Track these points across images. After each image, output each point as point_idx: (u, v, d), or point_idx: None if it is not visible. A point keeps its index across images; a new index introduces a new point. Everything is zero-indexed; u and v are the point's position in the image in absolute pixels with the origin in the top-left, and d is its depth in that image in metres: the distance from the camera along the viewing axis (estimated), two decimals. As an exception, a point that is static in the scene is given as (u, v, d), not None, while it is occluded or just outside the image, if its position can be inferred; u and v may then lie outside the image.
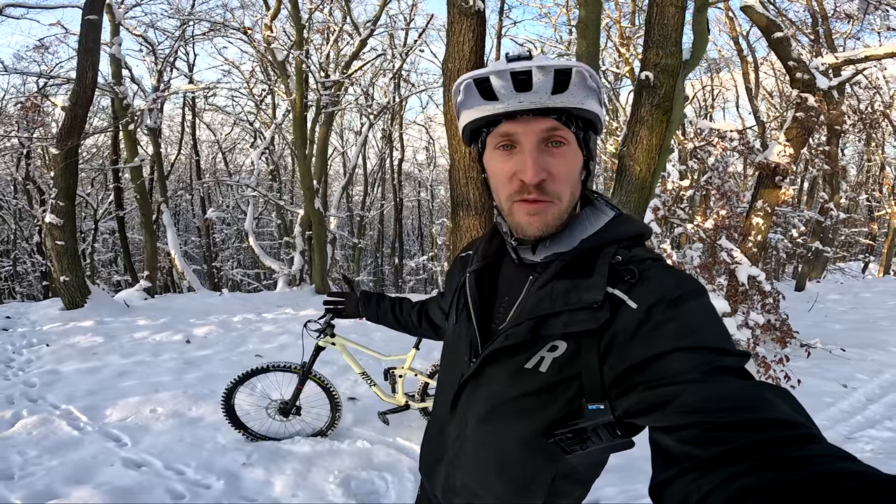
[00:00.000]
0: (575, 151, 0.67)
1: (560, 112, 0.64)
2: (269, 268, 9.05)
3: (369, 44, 10.08)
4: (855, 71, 5.37)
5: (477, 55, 2.61)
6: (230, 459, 2.51)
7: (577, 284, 0.64)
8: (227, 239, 17.05)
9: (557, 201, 0.66)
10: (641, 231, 0.70)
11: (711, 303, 0.60)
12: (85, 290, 5.90)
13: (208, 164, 20.23)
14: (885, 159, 16.47)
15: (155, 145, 9.22)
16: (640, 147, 3.37)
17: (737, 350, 0.55)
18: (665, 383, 0.53)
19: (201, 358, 4.13)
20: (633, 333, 0.58)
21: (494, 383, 0.71)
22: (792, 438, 0.44)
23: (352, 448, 2.69)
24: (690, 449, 0.48)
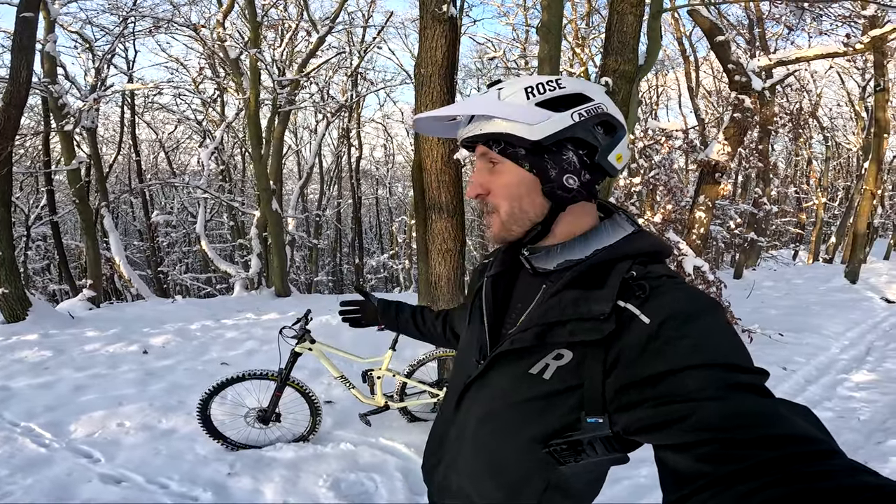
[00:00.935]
0: (510, 169, 0.71)
1: (484, 138, 0.71)
2: (223, 272, 8.73)
3: (327, 41, 9.88)
4: (787, 72, 5.84)
5: (450, 60, 2.67)
6: (214, 470, 2.46)
7: (587, 295, 0.64)
8: (174, 243, 16.21)
9: (497, 213, 0.72)
10: (659, 248, 0.70)
11: (727, 318, 0.60)
12: (26, 303, 5.48)
13: (149, 164, 19.13)
14: (812, 154, 18.03)
15: (93, 146, 8.65)
16: None
17: (753, 367, 0.55)
18: (678, 400, 0.52)
19: (163, 368, 3.97)
20: (644, 348, 0.57)
21: (498, 386, 0.71)
22: (811, 454, 0.44)
23: (336, 451, 2.69)
24: (705, 467, 0.47)
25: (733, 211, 10.17)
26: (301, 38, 9.55)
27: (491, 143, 0.71)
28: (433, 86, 2.68)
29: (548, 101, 0.68)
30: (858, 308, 7.37)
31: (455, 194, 2.90)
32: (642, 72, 3.90)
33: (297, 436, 2.80)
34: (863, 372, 4.50)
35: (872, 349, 5.30)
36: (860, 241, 9.56)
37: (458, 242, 2.99)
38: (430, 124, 0.80)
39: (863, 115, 14.47)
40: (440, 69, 2.65)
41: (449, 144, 2.78)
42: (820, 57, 5.72)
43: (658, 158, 6.84)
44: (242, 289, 8.38)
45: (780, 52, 6.20)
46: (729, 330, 0.58)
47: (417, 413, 3.13)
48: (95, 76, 8.58)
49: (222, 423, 2.72)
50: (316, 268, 16.70)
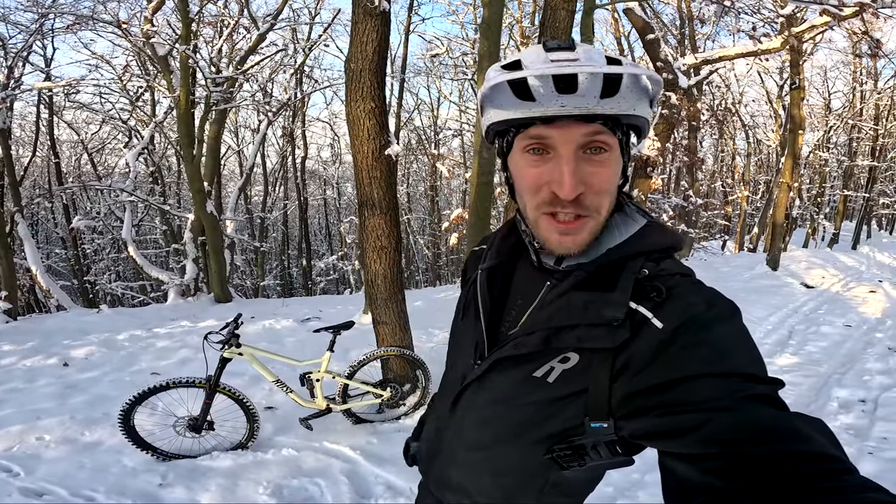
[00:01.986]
0: (617, 158, 0.60)
1: (606, 117, 0.56)
2: (155, 279, 8.22)
3: (269, 38, 9.50)
4: (710, 70, 6.24)
5: (381, 55, 2.64)
6: (143, 481, 2.34)
7: (597, 298, 0.59)
8: (100, 249, 15.08)
9: (596, 215, 0.61)
10: (673, 242, 0.64)
11: (744, 325, 0.56)
12: (-78, 320, 4.92)
13: (71, 166, 17.67)
14: (735, 150, 19.41)
15: (5, 148, 7.89)
16: None
17: (769, 377, 0.52)
18: (689, 409, 0.50)
19: (86, 381, 3.68)
20: (656, 354, 0.54)
21: (499, 389, 0.68)
22: (824, 472, 0.42)
23: (278, 457, 2.61)
24: (714, 480, 0.46)
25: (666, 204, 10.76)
26: (241, 35, 9.13)
27: (616, 128, 0.59)
28: (363, 81, 2.65)
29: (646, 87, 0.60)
30: (780, 293, 7.84)
31: (387, 190, 2.89)
32: None
33: (235, 444, 2.69)
34: (786, 355, 4.72)
35: (794, 332, 5.59)
36: (779, 230, 10.38)
37: (392, 239, 2.97)
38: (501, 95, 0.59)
39: (780, 112, 15.68)
40: (371, 64, 2.62)
41: (380, 140, 2.76)
42: (740, 56, 6.14)
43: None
44: (178, 296, 7.93)
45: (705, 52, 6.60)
46: (746, 337, 0.55)
47: (362, 415, 3.09)
48: (7, 75, 7.80)
49: (152, 434, 2.58)
50: (262, 271, 16.09)
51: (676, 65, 5.70)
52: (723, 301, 0.57)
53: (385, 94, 2.82)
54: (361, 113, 2.70)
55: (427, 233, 18.68)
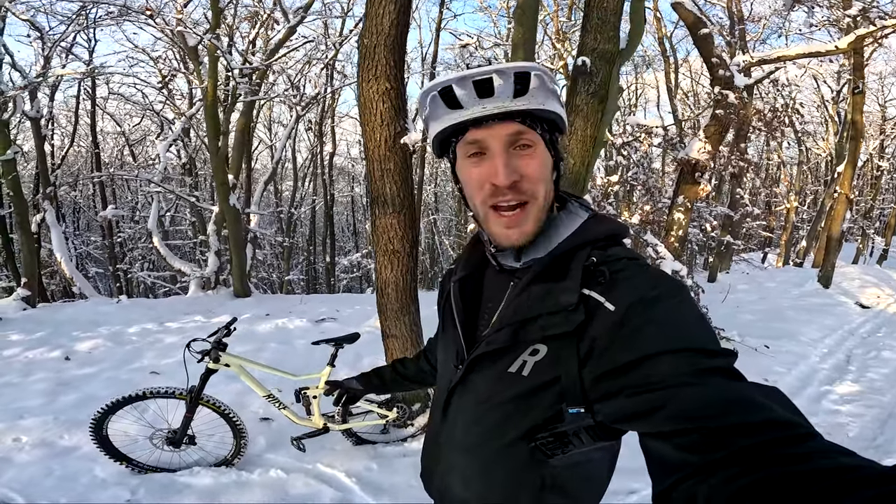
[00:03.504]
0: (543, 152, 0.67)
1: (524, 115, 0.65)
2: (178, 270, 8.18)
3: (303, 32, 9.38)
4: (770, 70, 5.70)
5: (398, 30, 2.31)
6: (111, 495, 2.13)
7: (552, 288, 0.64)
8: (135, 238, 15.42)
9: (534, 200, 0.67)
10: (617, 230, 0.70)
11: (693, 301, 0.59)
12: (-59, 303, 4.91)
13: (113, 156, 18.21)
14: (783, 158, 18.28)
15: (37, 136, 8.00)
16: (575, 138, 3.23)
17: (723, 349, 0.54)
18: (653, 388, 0.52)
19: (81, 378, 3.51)
20: (613, 336, 0.57)
21: (479, 388, 0.71)
22: (789, 438, 0.44)
23: (263, 478, 2.34)
24: (688, 456, 0.47)
25: (710, 213, 10.09)
26: (275, 28, 9.02)
27: (535, 123, 0.66)
28: (377, 58, 2.31)
29: (555, 89, 0.68)
30: (833, 313, 7.23)
31: (402, 185, 2.53)
32: (623, 56, 3.62)
33: (220, 459, 2.42)
34: (846, 383, 4.32)
35: (853, 357, 5.14)
36: (834, 245, 9.55)
37: (406, 242, 2.61)
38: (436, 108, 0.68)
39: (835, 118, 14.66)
40: (387, 39, 2.29)
41: (395, 126, 2.42)
42: (802, 56, 5.57)
43: (637, 157, 6.62)
44: (198, 288, 7.85)
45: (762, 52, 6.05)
46: (694, 312, 0.57)
47: (365, 435, 2.77)
48: (44, 65, 7.92)
49: (133, 443, 2.33)
50: (288, 266, 16.11)
51: (733, 62, 5.17)
52: (667, 279, 0.61)
53: (403, 75, 2.48)
54: (374, 95, 2.36)
55: (453, 233, 18.34)
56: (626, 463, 0.86)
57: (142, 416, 2.44)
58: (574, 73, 3.12)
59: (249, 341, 4.64)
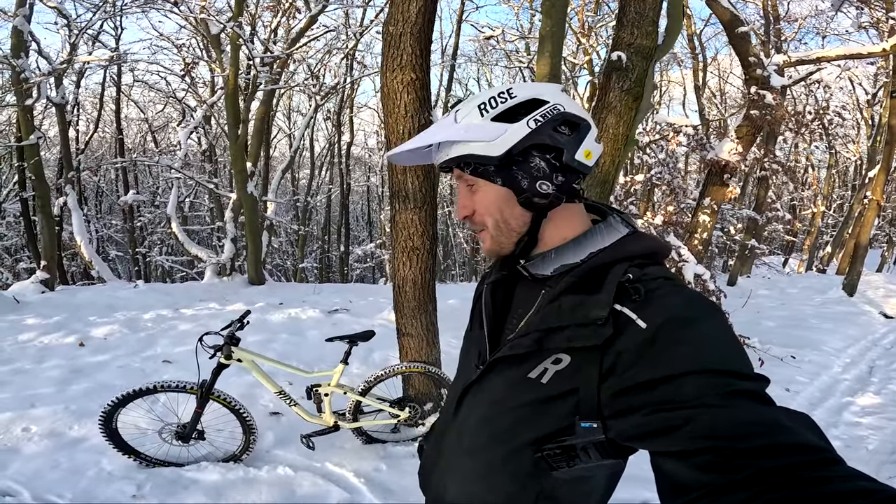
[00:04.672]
0: (486, 187, 0.71)
1: (456, 162, 0.71)
2: (195, 256, 8.23)
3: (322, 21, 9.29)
4: (810, 71, 5.47)
5: (425, 18, 2.19)
6: (116, 490, 2.08)
7: (584, 300, 0.63)
8: (155, 223, 15.63)
9: (486, 229, 0.73)
10: (656, 249, 0.69)
11: (728, 324, 0.59)
12: (-39, 282, 4.98)
13: (136, 142, 18.46)
14: (812, 161, 17.70)
15: (61, 122, 8.09)
16: (606, 136, 3.10)
17: (756, 374, 0.54)
18: (676, 407, 0.51)
19: (94, 365, 3.51)
20: (640, 353, 0.57)
21: (496, 390, 0.71)
22: (811, 463, 0.43)
23: (271, 476, 2.28)
24: (704, 476, 0.47)
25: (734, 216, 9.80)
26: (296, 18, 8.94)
27: (462, 166, 0.71)
28: (403, 47, 2.21)
29: (501, 113, 0.68)
30: (857, 323, 6.98)
31: (424, 180, 2.43)
32: (660, 52, 3.46)
33: (229, 454, 2.38)
34: (868, 394, 4.19)
35: (875, 369, 4.97)
36: (861, 252, 9.20)
37: (426, 239, 2.52)
38: (406, 156, 0.79)
39: (869, 122, 14.12)
40: (413, 28, 2.18)
41: (419, 118, 2.32)
42: (842, 58, 5.32)
43: (662, 156, 6.41)
44: (214, 274, 7.90)
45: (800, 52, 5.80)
46: (729, 335, 0.57)
47: (375, 434, 2.71)
48: (70, 51, 7.98)
49: (142, 435, 2.31)
50: (303, 254, 16.19)
51: (770, 61, 4.94)
52: (704, 301, 0.61)
53: (429, 65, 2.38)
54: (399, 85, 2.26)
55: (467, 226, 18.21)
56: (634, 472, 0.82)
57: (152, 408, 2.40)
58: (607, 69, 2.98)
59: (262, 331, 4.62)
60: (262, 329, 4.76)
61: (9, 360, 3.52)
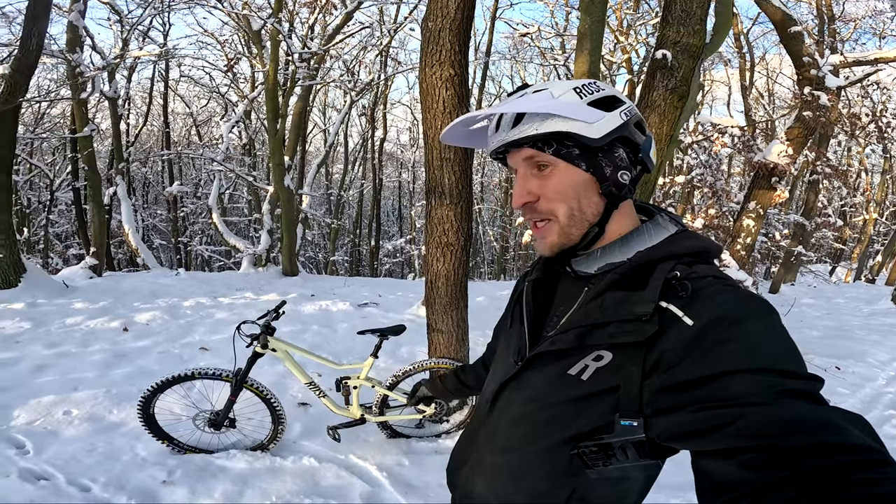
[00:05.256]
0: (564, 170, 0.68)
1: (534, 140, 0.67)
2: (232, 246, 8.49)
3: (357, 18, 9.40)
4: (869, 72, 5.16)
5: (464, 13, 2.17)
6: (148, 475, 2.13)
7: (629, 297, 0.63)
8: (197, 213, 16.25)
9: (554, 218, 0.69)
10: (707, 247, 0.68)
11: (780, 323, 0.56)
12: (20, 269, 5.29)
13: (182, 136, 19.23)
14: (865, 165, 16.66)
15: (113, 115, 8.49)
16: None
17: (808, 373, 0.51)
18: (722, 405, 0.50)
19: (136, 350, 3.66)
20: (687, 351, 0.55)
21: (534, 386, 0.70)
22: (863, 463, 0.42)
23: (296, 466, 2.31)
24: (748, 474, 0.45)
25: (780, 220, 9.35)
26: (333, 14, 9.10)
27: (543, 146, 0.68)
28: (442, 43, 2.19)
29: (598, 100, 0.68)
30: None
31: (461, 176, 2.40)
32: (708, 51, 3.34)
33: (257, 443, 2.43)
34: None
35: None
36: (919, 263, 8.60)
37: (461, 235, 2.50)
38: (458, 134, 0.79)
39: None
40: (452, 23, 2.16)
41: (458, 114, 2.29)
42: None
43: (705, 157, 6.16)
44: (250, 265, 8.13)
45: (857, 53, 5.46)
46: (782, 334, 0.55)
47: (400, 428, 2.71)
48: (122, 47, 8.37)
49: (177, 420, 2.38)
50: (334, 247, 16.49)
51: (825, 62, 4.66)
52: (756, 299, 0.58)
53: (468, 61, 2.35)
54: (437, 81, 2.24)
55: (497, 224, 18.08)
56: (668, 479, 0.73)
57: (188, 395, 2.48)
58: (651, 68, 2.89)
59: (294, 322, 4.73)
60: (295, 320, 4.86)
61: (56, 343, 3.70)
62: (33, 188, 14.26)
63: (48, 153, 15.33)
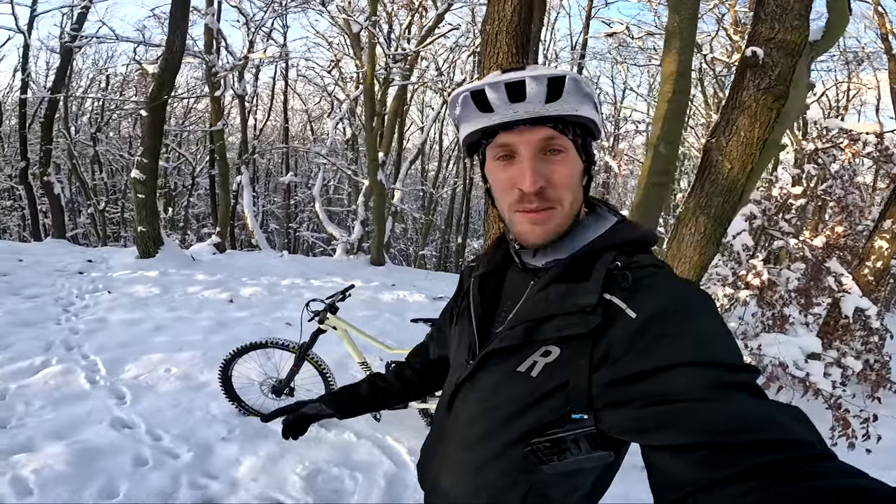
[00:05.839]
0: (574, 158, 0.67)
1: (555, 120, 0.64)
2: (330, 234, 9.24)
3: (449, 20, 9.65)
4: None
5: (521, 16, 2.17)
6: (212, 432, 2.44)
7: (572, 289, 0.63)
8: (305, 202, 17.89)
9: (560, 207, 0.67)
10: (645, 236, 0.69)
11: (719, 315, 0.58)
12: (158, 241, 6.33)
13: (299, 131, 21.22)
14: None
15: (241, 111, 9.67)
16: (736, 139, 2.78)
17: (746, 365, 0.53)
18: (668, 400, 0.51)
19: (235, 320, 4.20)
20: (631, 344, 0.56)
21: (487, 385, 0.70)
22: (806, 457, 0.44)
23: (336, 439, 2.50)
24: (699, 471, 0.46)
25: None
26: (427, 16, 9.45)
27: (566, 129, 0.66)
28: (499, 45, 2.21)
29: (593, 95, 0.68)
30: None
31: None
32: (817, 49, 2.97)
33: (309, 414, 2.66)
34: None
35: None
36: None
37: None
38: (467, 110, 0.68)
39: None
40: (509, 26, 2.17)
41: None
42: None
43: (836, 167, 5.33)
44: (343, 252, 8.79)
45: None
46: (719, 326, 0.56)
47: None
48: (248, 48, 9.52)
49: (250, 385, 2.69)
50: (424, 241, 17.08)
51: None
52: (694, 291, 0.60)
53: (528, 63, 2.35)
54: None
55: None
56: None
57: (263, 363, 2.80)
58: (741, 66, 2.64)
59: (370, 307, 5.06)
60: (372, 306, 5.20)
61: (175, 307, 4.38)
62: (179, 174, 16.79)
63: (192, 143, 17.92)
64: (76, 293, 4.54)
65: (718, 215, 3.02)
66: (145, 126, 6.34)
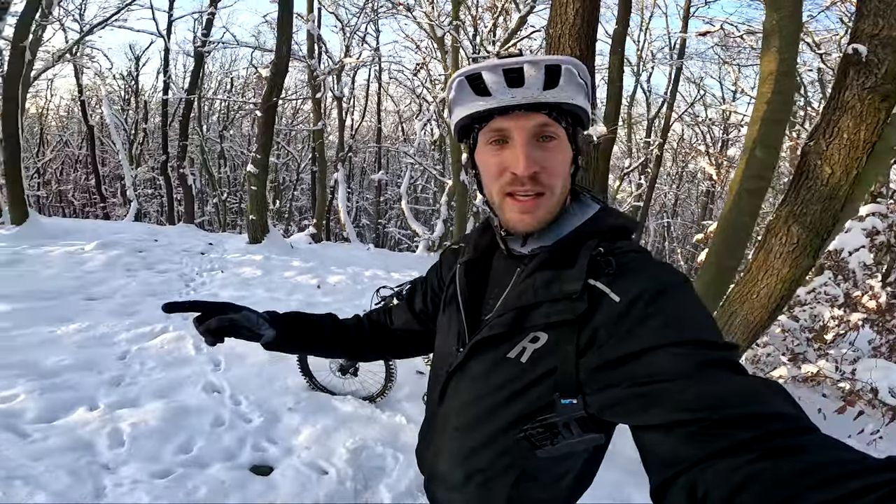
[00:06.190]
0: (565, 146, 0.68)
1: (550, 107, 0.65)
2: (413, 231, 9.64)
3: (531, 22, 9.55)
4: None
5: (584, 19, 2.17)
6: (282, 401, 2.67)
7: (558, 275, 0.64)
8: (394, 199, 18.77)
9: (550, 193, 0.67)
10: (626, 224, 0.71)
11: (696, 294, 0.60)
12: (265, 230, 7.14)
13: (391, 131, 22.29)
14: None
15: (339, 112, 10.45)
16: (838, 142, 2.55)
17: (726, 342, 0.55)
18: (655, 380, 0.52)
19: (320, 304, 4.64)
20: (616, 327, 0.57)
21: (477, 373, 0.71)
22: (789, 431, 0.45)
23: (388, 420, 2.64)
24: (689, 447, 0.48)
25: None
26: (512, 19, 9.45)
27: (560, 118, 0.67)
28: (562, 48, 2.23)
29: (585, 84, 0.69)
30: None
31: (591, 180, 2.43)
32: None
33: (368, 395, 2.84)
34: None
35: None
36: None
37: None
38: (463, 94, 0.68)
39: None
40: (572, 29, 2.18)
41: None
42: None
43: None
44: (425, 249, 9.14)
45: None
46: (698, 305, 0.59)
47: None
48: (345, 52, 10.27)
49: (321, 363, 2.89)
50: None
51: None
52: (672, 272, 0.62)
53: (593, 67, 2.35)
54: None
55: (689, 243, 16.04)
56: None
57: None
58: (842, 65, 2.41)
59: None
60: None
61: (273, 289, 4.95)
62: (287, 170, 18.55)
63: (298, 142, 19.66)
64: (197, 270, 5.33)
65: (815, 225, 2.76)
66: (259, 125, 7.16)
